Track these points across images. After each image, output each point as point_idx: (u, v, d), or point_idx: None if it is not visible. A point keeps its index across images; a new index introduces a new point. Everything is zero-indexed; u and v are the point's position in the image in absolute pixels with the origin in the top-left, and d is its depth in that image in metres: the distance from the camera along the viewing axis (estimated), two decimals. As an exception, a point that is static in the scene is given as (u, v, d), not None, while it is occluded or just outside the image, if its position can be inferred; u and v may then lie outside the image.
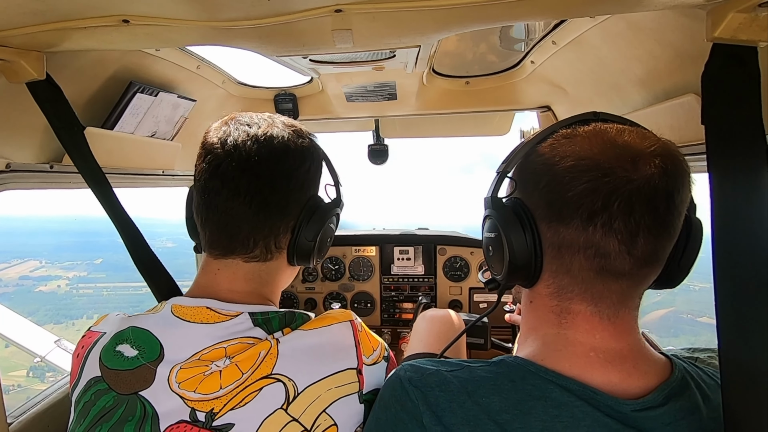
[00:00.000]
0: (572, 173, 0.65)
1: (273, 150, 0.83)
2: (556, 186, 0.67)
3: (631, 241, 0.63)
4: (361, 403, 0.80)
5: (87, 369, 0.80)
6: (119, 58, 1.30)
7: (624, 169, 0.62)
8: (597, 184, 0.63)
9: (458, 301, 2.43)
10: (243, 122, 0.85)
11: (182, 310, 0.81)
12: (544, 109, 2.00)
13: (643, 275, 0.66)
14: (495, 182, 0.77)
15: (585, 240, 0.64)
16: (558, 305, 0.71)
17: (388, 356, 0.89)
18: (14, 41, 0.90)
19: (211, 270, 0.87)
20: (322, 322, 0.83)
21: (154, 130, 1.58)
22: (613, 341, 0.68)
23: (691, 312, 23.58)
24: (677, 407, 0.64)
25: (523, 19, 1.32)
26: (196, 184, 0.86)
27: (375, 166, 2.57)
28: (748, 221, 0.65)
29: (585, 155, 0.65)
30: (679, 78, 1.15)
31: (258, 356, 0.75)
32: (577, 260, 0.66)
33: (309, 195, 0.90)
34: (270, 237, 0.86)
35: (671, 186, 0.63)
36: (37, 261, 51.93)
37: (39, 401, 1.32)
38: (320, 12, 0.81)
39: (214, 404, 0.72)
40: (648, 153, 0.63)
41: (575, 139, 0.68)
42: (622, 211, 0.62)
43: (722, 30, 0.71)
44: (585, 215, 0.63)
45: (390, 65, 1.51)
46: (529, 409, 0.63)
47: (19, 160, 1.16)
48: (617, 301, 0.67)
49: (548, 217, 0.68)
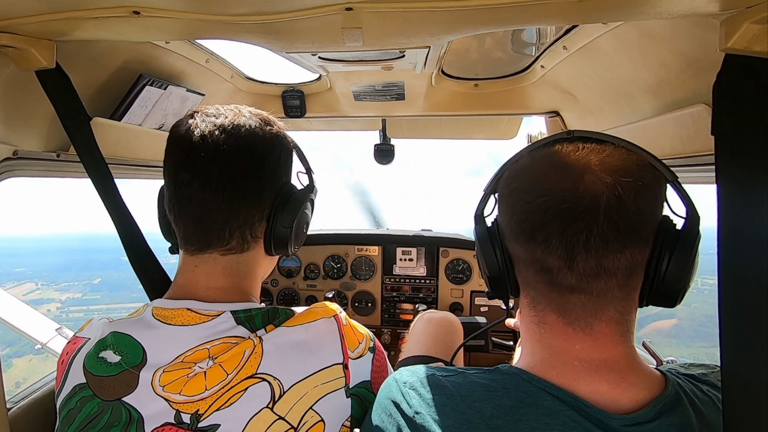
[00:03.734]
0: (519, 194, 0.70)
1: (241, 138, 0.83)
2: (509, 207, 0.72)
3: (568, 257, 0.64)
4: (348, 398, 0.80)
5: (71, 376, 0.80)
6: (129, 49, 1.31)
7: (562, 189, 0.64)
8: (534, 205, 0.66)
9: (459, 303, 2.42)
10: (209, 113, 0.84)
11: (163, 313, 0.80)
12: (553, 114, 1.99)
13: (599, 289, 0.65)
14: (480, 200, 0.82)
15: (530, 256, 0.68)
16: (536, 316, 0.72)
17: (373, 347, 0.89)
18: (25, 29, 0.90)
19: (188, 268, 0.86)
20: (305, 318, 0.83)
21: (162, 123, 1.58)
22: (595, 352, 0.67)
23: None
24: (669, 423, 0.64)
25: (535, 23, 1.32)
26: (166, 179, 0.85)
27: (381, 165, 2.57)
28: (755, 234, 0.64)
29: (532, 178, 0.69)
30: (690, 88, 1.14)
31: (242, 356, 0.75)
32: (531, 274, 0.70)
33: (282, 182, 0.90)
34: (245, 226, 0.85)
35: (614, 201, 0.62)
36: (33, 283, 50.94)
37: (38, 387, 1.32)
38: (331, 9, 0.80)
39: (200, 405, 0.72)
40: (591, 169, 0.64)
41: (531, 163, 0.72)
42: (557, 229, 0.64)
43: (736, 41, 0.70)
44: (527, 233, 0.67)
45: (399, 65, 1.51)
46: (521, 416, 0.63)
47: (26, 147, 1.16)
48: (585, 313, 0.67)
49: (508, 235, 0.73)
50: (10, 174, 1.14)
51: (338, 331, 0.84)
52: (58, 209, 78.50)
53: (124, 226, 1.18)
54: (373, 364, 0.87)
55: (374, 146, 2.51)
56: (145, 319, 0.81)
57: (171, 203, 0.85)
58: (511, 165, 0.76)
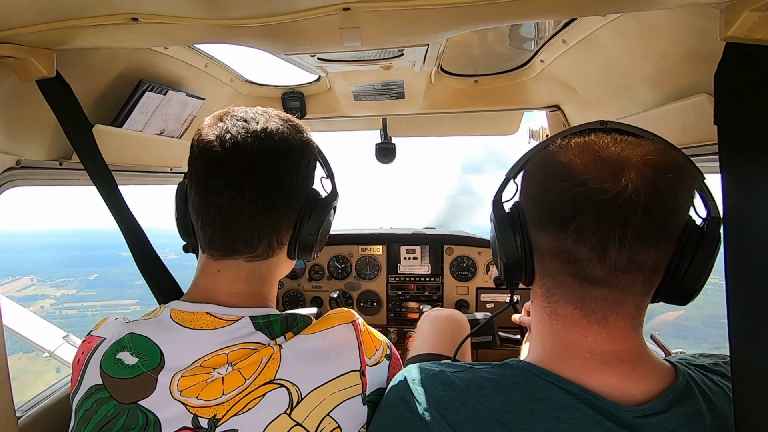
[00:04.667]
0: (552, 182, 0.69)
1: (275, 146, 0.82)
2: (539, 193, 0.71)
3: (601, 250, 0.63)
4: (365, 405, 0.79)
5: (88, 376, 0.80)
6: (128, 56, 1.31)
7: (600, 180, 0.63)
8: (570, 194, 0.65)
9: (465, 301, 2.42)
10: (239, 117, 0.83)
11: (182, 316, 0.80)
12: (554, 108, 1.98)
13: (625, 283, 0.65)
14: (500, 185, 0.80)
15: (558, 245, 0.67)
16: (548, 307, 0.72)
17: (390, 354, 0.89)
18: (25, 39, 0.91)
19: (210, 272, 0.85)
20: (324, 325, 0.83)
21: (162, 128, 1.59)
22: (607, 344, 0.67)
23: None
24: (680, 414, 0.64)
25: (533, 18, 1.31)
26: (195, 184, 0.83)
27: (382, 164, 2.57)
28: (761, 223, 0.64)
29: (568, 166, 0.68)
30: (691, 78, 1.13)
31: (260, 362, 0.75)
32: (555, 264, 0.69)
33: (308, 189, 0.89)
34: (273, 234, 0.85)
35: (654, 196, 0.62)
36: (29, 278, 51.18)
37: (47, 396, 1.33)
38: (328, 10, 0.80)
39: (217, 410, 0.72)
40: (632, 164, 0.63)
41: (566, 150, 0.71)
42: (593, 220, 0.63)
43: (736, 29, 0.70)
44: (558, 222, 0.66)
45: (398, 64, 1.51)
46: (531, 410, 0.63)
47: (29, 156, 1.17)
48: (604, 306, 0.67)
49: (533, 222, 0.72)
50: (13, 184, 1.15)
51: (356, 338, 0.83)
52: (58, 205, 78.91)
53: (131, 233, 1.18)
54: (389, 372, 0.87)
55: (375, 145, 2.51)
56: (163, 321, 0.80)
57: (199, 209, 0.83)
58: (539, 151, 0.75)
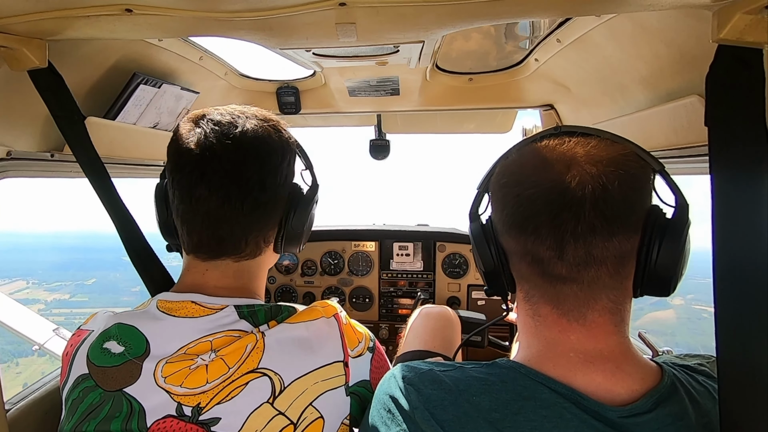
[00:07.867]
0: (509, 188, 0.72)
1: (256, 150, 0.83)
2: (500, 201, 0.74)
3: (558, 247, 0.65)
4: (348, 396, 0.80)
5: (75, 367, 0.80)
6: (122, 47, 1.30)
7: (550, 180, 0.65)
8: (525, 197, 0.68)
9: (457, 298, 2.43)
10: (215, 121, 0.82)
11: (168, 305, 0.81)
12: (547, 107, 1.99)
13: (589, 278, 0.66)
14: (474, 198, 0.83)
15: (522, 248, 0.69)
16: (531, 309, 0.73)
17: (373, 347, 0.90)
18: (17, 28, 0.90)
19: (198, 271, 0.86)
20: (307, 316, 0.84)
21: (156, 121, 1.58)
22: (589, 342, 0.68)
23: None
24: (666, 413, 0.64)
25: (528, 17, 1.32)
26: (178, 192, 0.83)
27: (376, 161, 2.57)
28: (750, 224, 0.65)
29: (520, 171, 0.71)
30: (683, 79, 1.14)
31: (244, 350, 0.76)
32: (524, 267, 0.71)
33: (291, 185, 0.91)
34: (260, 235, 0.86)
35: (600, 190, 0.63)
36: (24, 281, 50.20)
37: (37, 388, 1.32)
38: (324, 5, 0.80)
39: (201, 398, 0.73)
40: (577, 160, 0.65)
41: (520, 157, 0.74)
42: (547, 219, 0.65)
43: (728, 31, 0.71)
44: (518, 226, 0.69)
45: (393, 60, 1.50)
46: (518, 409, 0.64)
47: (20, 148, 1.16)
48: (578, 303, 0.68)
49: (502, 230, 0.74)
50: (4, 175, 1.13)
51: (338, 329, 0.84)
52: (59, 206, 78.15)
53: (123, 225, 1.18)
54: (371, 364, 0.87)
55: (369, 141, 2.51)
56: (150, 311, 0.81)
57: (186, 216, 0.83)
58: (501, 162, 0.78)
